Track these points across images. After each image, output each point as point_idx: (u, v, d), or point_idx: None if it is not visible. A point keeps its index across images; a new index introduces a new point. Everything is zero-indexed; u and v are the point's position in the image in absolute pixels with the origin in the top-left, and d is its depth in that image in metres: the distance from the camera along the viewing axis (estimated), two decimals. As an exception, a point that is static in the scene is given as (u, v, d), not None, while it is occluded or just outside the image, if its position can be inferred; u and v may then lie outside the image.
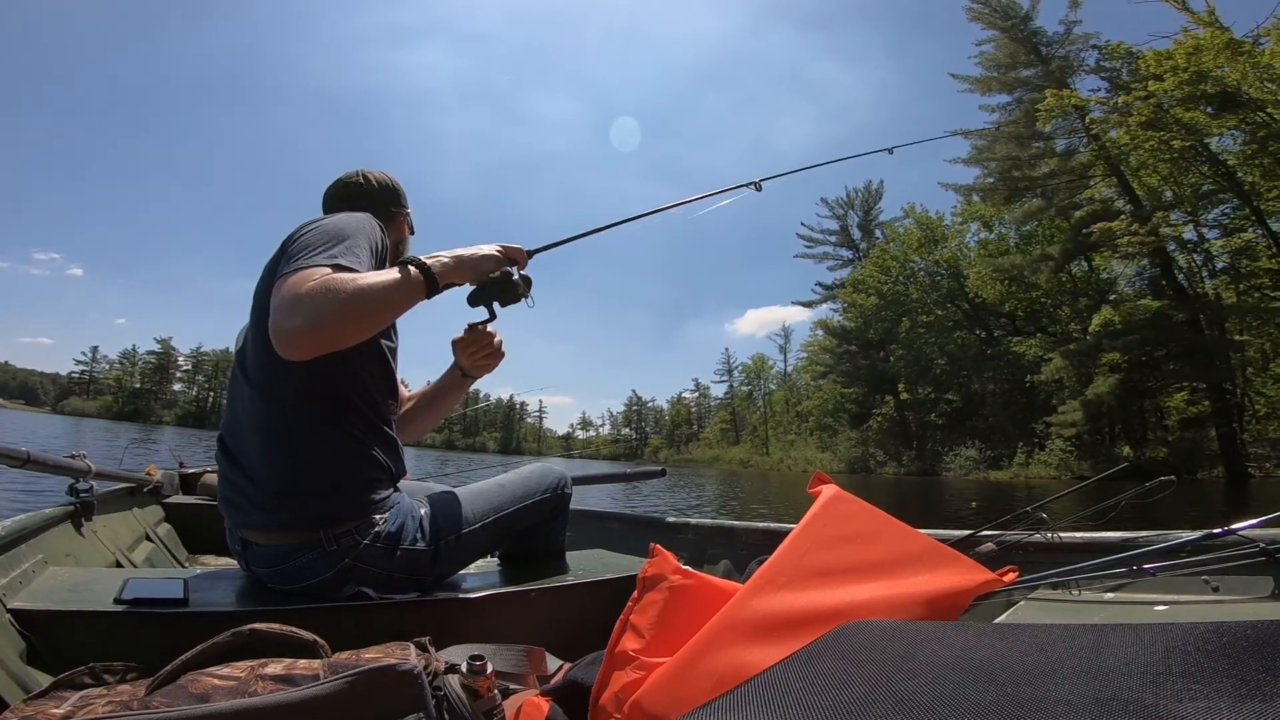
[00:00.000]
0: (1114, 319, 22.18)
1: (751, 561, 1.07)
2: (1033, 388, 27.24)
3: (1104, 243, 22.25)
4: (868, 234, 42.78)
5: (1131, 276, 25.60)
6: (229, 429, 1.21)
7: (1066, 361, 23.73)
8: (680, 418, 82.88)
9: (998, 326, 31.21)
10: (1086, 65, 24.92)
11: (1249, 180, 19.52)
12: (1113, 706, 0.40)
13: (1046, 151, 25.29)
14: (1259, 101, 17.89)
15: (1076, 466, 22.95)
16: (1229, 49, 17.96)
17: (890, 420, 34.70)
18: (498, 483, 1.40)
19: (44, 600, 1.02)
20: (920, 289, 33.40)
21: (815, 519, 0.90)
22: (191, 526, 2.44)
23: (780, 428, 53.30)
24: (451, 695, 0.77)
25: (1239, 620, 0.46)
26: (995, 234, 30.89)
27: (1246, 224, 20.43)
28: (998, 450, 27.10)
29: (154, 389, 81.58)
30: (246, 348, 1.20)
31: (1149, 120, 19.50)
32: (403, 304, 1.09)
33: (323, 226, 1.11)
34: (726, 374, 70.89)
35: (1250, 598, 0.84)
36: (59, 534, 1.51)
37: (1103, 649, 0.47)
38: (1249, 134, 18.57)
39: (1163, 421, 23.61)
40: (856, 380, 36.36)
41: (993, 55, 26.92)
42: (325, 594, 1.12)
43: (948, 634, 0.58)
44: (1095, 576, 0.93)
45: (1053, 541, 1.18)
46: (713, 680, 0.70)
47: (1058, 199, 24.81)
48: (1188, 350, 20.83)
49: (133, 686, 0.72)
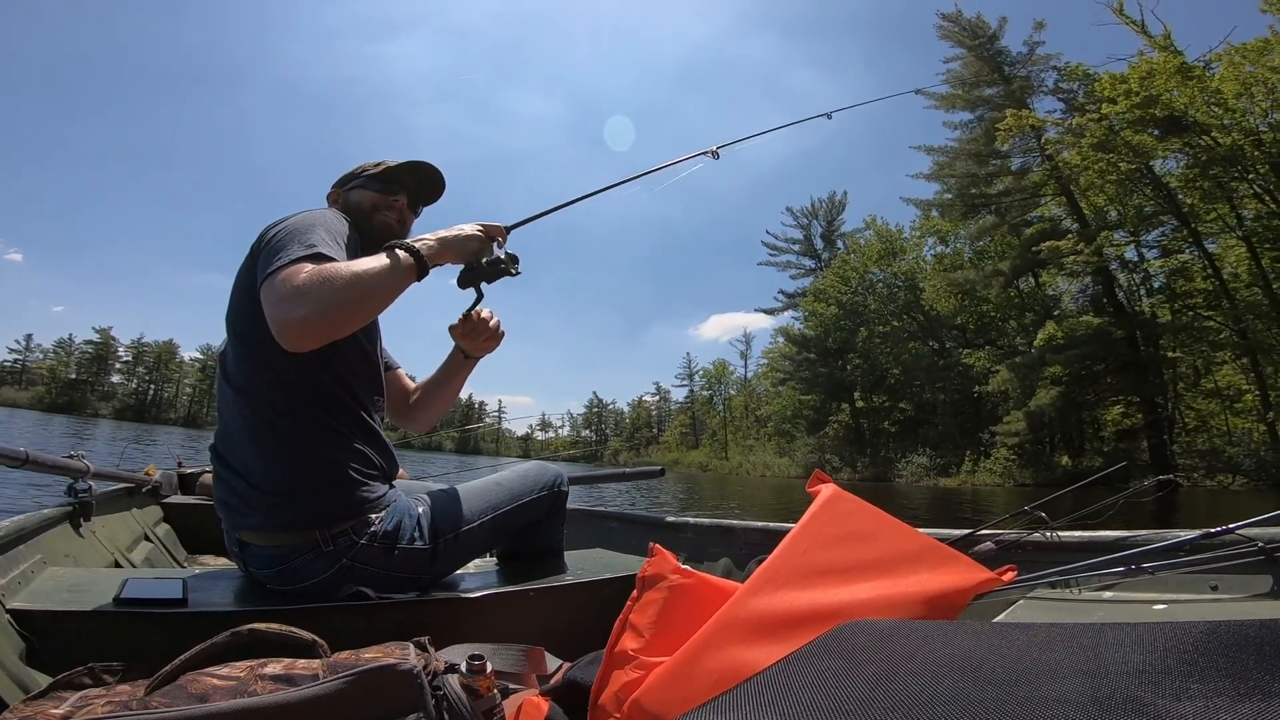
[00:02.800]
0: (1057, 334, 23.19)
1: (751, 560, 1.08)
2: (981, 398, 28.28)
3: (1051, 260, 23.23)
4: (830, 244, 43.60)
5: (1075, 293, 26.74)
6: (220, 432, 1.20)
7: (1012, 374, 24.66)
8: (640, 420, 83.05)
9: (950, 338, 32.24)
10: (1046, 86, 25.80)
11: (1188, 202, 20.56)
12: (1111, 705, 0.40)
13: (1002, 169, 26.18)
14: (1204, 126, 18.72)
15: (1019, 475, 23.87)
16: (1180, 73, 18.72)
17: (846, 427, 35.46)
18: (494, 481, 1.40)
19: (43, 600, 1.01)
20: (878, 300, 34.25)
21: (814, 518, 0.90)
22: (190, 527, 2.42)
23: (739, 432, 53.96)
24: (451, 695, 0.77)
25: (1238, 619, 0.46)
26: (951, 248, 31.97)
27: (1184, 245, 21.63)
28: (947, 458, 27.96)
29: (90, 380, 77.45)
30: (227, 352, 1.19)
31: (1100, 142, 20.25)
32: (396, 288, 1.09)
33: (289, 225, 1.11)
34: (688, 378, 71.41)
35: (1249, 596, 0.84)
36: (58, 534, 1.50)
37: (1101, 648, 0.47)
38: (1192, 157, 19.45)
39: (1099, 433, 24.80)
40: (815, 387, 37.07)
41: (959, 73, 27.58)
42: (324, 594, 1.11)
43: (947, 633, 0.58)
44: (1094, 575, 0.93)
45: (1051, 540, 1.19)
46: (712, 679, 0.70)
47: (1010, 216, 25.78)
48: (1124, 365, 21.92)
49: (132, 687, 0.71)
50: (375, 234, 1.29)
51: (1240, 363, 20.98)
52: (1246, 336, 19.58)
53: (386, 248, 1.11)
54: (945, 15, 27.51)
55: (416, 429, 1.56)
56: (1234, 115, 18.60)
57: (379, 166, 1.37)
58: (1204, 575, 0.89)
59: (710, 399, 67.79)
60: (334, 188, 1.39)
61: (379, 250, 1.10)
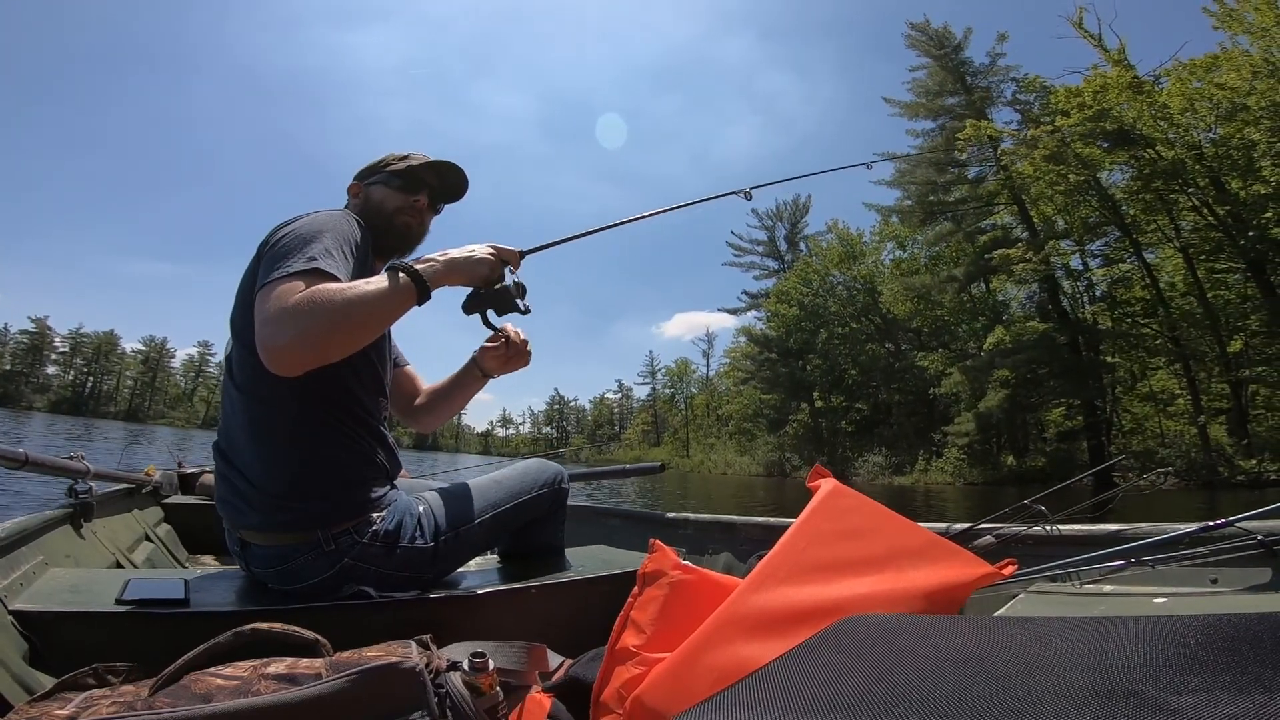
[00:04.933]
0: (1005, 339, 23.97)
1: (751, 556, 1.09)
2: (934, 399, 29.19)
3: (1002, 267, 24.06)
4: (793, 246, 44.27)
5: (1023, 300, 27.76)
6: (223, 431, 1.18)
7: (964, 376, 25.49)
8: (603, 418, 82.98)
9: (905, 341, 33.07)
10: (1005, 97, 26.45)
11: (1131, 214, 21.43)
12: (1112, 699, 0.40)
13: (960, 178, 26.86)
14: (1150, 139, 19.39)
15: (969, 474, 24.73)
16: (1132, 88, 19.34)
17: (805, 426, 36.07)
18: (495, 479, 1.40)
19: (45, 601, 1.00)
20: (838, 302, 34.92)
21: (815, 513, 0.91)
22: (191, 527, 2.43)
23: (701, 430, 54.38)
24: (454, 693, 0.77)
25: (1238, 613, 0.46)
26: (908, 253, 32.79)
27: (1125, 255, 22.61)
28: (901, 457, 28.73)
29: (25, 371, 73.26)
30: (232, 352, 1.17)
31: (1052, 154, 20.83)
32: (393, 314, 1.07)
33: (295, 230, 1.09)
34: (650, 376, 71.66)
35: (1249, 589, 0.84)
36: (59, 535, 1.50)
37: (1102, 641, 0.48)
38: (1137, 170, 20.16)
39: (1042, 434, 25.84)
40: (776, 387, 37.61)
41: (924, 82, 28.04)
42: (325, 593, 1.11)
43: (947, 627, 0.59)
44: (1094, 569, 0.94)
45: (1052, 534, 1.18)
46: (714, 675, 0.70)
47: (966, 224, 26.50)
48: (1066, 369, 22.77)
49: (136, 687, 0.71)
50: (393, 236, 1.27)
51: (1174, 368, 22.11)
52: (1180, 344, 20.64)
53: (389, 269, 1.08)
54: (914, 25, 28.08)
55: (417, 429, 1.56)
56: (1179, 130, 19.33)
57: (403, 162, 1.33)
58: (1204, 568, 0.89)
59: (673, 397, 68.17)
60: (355, 180, 1.36)
61: (383, 267, 1.09)
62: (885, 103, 29.27)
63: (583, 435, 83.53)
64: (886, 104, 29.14)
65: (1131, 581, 0.92)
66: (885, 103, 29.27)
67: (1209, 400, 20.68)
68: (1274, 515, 0.89)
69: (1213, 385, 20.82)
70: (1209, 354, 20.26)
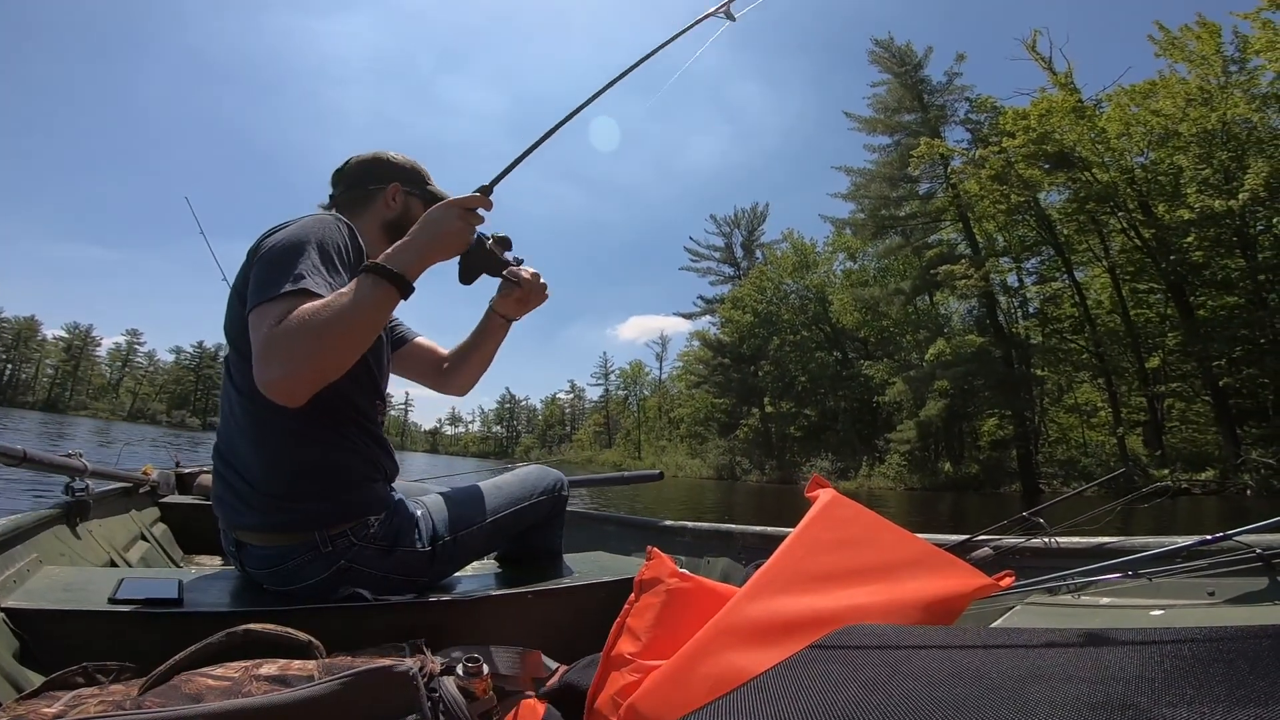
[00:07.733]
0: (946, 351, 25.02)
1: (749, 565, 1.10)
2: (878, 407, 30.18)
3: (946, 282, 25.09)
4: (749, 253, 44.92)
5: (964, 314, 29.06)
6: (222, 432, 1.16)
7: (906, 386, 26.47)
8: (554, 418, 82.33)
9: (853, 350, 34.10)
10: (958, 116, 27.38)
11: (1065, 234, 22.62)
12: (1108, 710, 0.40)
13: (911, 193, 27.78)
14: (1087, 162, 20.40)
15: (909, 479, 25.73)
16: (1075, 112, 20.26)
17: (755, 431, 36.70)
18: (494, 485, 1.39)
19: (38, 599, 0.98)
20: (790, 310, 35.69)
21: (812, 523, 0.91)
22: (187, 527, 2.40)
23: (653, 433, 54.71)
24: (447, 697, 0.77)
25: (1235, 626, 0.47)
26: (859, 265, 33.83)
27: (1057, 273, 23.90)
28: (846, 462, 29.60)
29: (-64, 359, 67.88)
30: (229, 355, 1.15)
31: (998, 174, 21.73)
32: (379, 319, 1.05)
33: (282, 244, 1.06)
34: (604, 377, 71.53)
35: (1246, 603, 0.83)
36: (54, 533, 1.50)
37: (1098, 653, 0.48)
38: (1073, 192, 21.21)
39: (976, 442, 27.04)
40: (727, 391, 38.18)
41: (883, 98, 28.78)
42: (320, 595, 1.09)
43: (944, 638, 0.60)
44: (1091, 581, 0.94)
45: (1049, 546, 1.19)
46: (709, 684, 0.70)
47: (914, 238, 27.50)
48: (1000, 381, 23.92)
49: (126, 686, 0.70)
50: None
51: (1097, 382, 23.50)
52: (1103, 359, 21.96)
53: (362, 270, 1.04)
54: (878, 41, 28.86)
55: (454, 393, 1.53)
56: (1114, 153, 20.44)
57: (430, 183, 1.36)
58: (1201, 581, 0.88)
59: (625, 399, 68.25)
60: (394, 181, 1.32)
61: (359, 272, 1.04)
62: (846, 116, 30.10)
63: (534, 435, 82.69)
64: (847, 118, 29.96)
65: (1128, 594, 0.91)
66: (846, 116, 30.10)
67: (1128, 413, 22.06)
68: (1272, 529, 0.88)
69: (1132, 399, 22.22)
70: (1129, 369, 21.59)
